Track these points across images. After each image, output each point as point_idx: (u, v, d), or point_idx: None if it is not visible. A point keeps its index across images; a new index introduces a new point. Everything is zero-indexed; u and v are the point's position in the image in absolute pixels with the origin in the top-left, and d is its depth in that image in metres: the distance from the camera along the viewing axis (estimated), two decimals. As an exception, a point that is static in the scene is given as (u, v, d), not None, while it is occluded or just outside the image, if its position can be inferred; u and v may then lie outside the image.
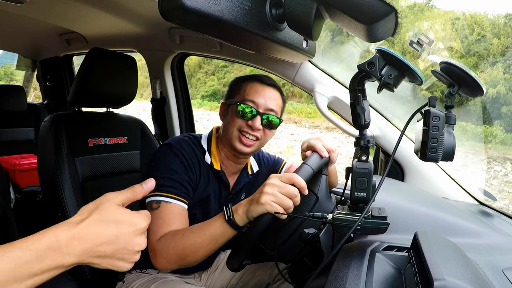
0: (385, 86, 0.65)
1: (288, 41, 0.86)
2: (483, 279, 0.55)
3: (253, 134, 1.01)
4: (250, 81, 1.05)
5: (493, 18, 6.50)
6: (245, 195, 1.18)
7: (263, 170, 1.24)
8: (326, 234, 0.79)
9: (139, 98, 11.03)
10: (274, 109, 1.03)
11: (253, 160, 1.22)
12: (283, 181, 0.77)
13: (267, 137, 1.05)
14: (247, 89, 1.03)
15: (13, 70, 7.63)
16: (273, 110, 1.03)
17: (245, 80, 1.06)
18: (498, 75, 5.16)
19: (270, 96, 1.03)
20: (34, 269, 0.46)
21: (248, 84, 1.04)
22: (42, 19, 1.69)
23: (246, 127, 1.00)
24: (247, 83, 1.05)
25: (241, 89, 1.04)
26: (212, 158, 1.06)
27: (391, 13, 0.54)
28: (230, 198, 1.13)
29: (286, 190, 0.75)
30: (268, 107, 1.02)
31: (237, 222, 0.79)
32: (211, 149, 1.07)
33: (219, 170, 1.07)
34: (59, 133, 1.23)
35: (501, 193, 4.10)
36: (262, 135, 1.03)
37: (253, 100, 1.01)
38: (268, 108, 1.02)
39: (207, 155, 1.06)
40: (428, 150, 0.62)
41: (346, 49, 1.56)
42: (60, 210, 1.19)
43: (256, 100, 1.01)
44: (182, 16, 0.60)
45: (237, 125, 1.01)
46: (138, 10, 1.41)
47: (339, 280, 0.58)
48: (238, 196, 1.16)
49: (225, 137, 1.05)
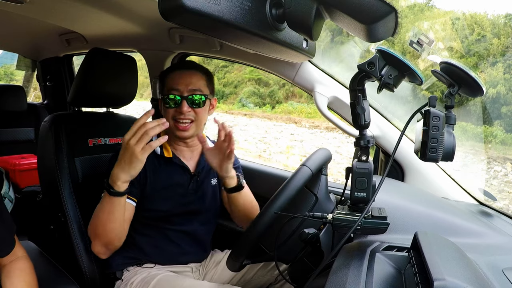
0: (385, 86, 0.65)
1: (288, 41, 0.86)
2: (483, 279, 0.55)
3: (185, 118, 1.08)
4: (170, 73, 1.12)
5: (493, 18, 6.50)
6: (216, 180, 1.23)
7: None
8: (326, 234, 0.80)
9: (139, 98, 11.03)
10: (197, 88, 1.09)
11: (210, 143, 1.19)
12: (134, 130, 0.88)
13: (200, 115, 1.11)
14: (169, 80, 1.10)
15: (13, 70, 7.63)
16: (196, 89, 1.09)
17: (167, 73, 1.14)
18: (498, 75, 5.17)
19: (191, 78, 1.09)
20: None
21: (170, 76, 1.11)
22: (42, 19, 1.69)
23: (177, 114, 1.08)
24: (168, 75, 1.12)
25: (165, 82, 1.12)
26: (162, 148, 1.13)
27: (391, 13, 0.54)
28: (196, 180, 1.17)
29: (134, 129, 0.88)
30: (190, 88, 1.08)
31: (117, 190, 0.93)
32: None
33: (171, 157, 1.13)
34: (59, 133, 1.23)
35: (501, 193, 4.10)
36: (194, 116, 1.09)
37: (176, 88, 1.08)
38: (190, 90, 1.08)
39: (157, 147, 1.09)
40: (428, 150, 0.63)
41: (346, 49, 1.57)
42: (60, 210, 1.20)
43: (177, 87, 1.08)
44: (182, 16, 0.60)
45: (171, 115, 1.09)
46: (138, 10, 1.41)
47: (339, 280, 0.58)
48: (207, 178, 1.20)
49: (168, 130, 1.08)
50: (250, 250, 0.80)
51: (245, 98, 12.95)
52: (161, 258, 1.17)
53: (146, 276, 1.10)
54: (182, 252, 1.19)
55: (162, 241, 1.16)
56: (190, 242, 1.20)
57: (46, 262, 1.07)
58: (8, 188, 1.96)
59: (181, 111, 1.07)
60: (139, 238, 1.15)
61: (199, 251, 1.25)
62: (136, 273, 1.12)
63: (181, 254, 1.19)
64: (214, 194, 1.23)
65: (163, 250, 1.16)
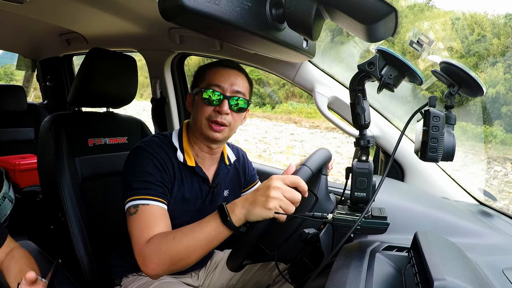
0: (385, 86, 0.65)
1: (288, 41, 0.86)
2: (483, 279, 0.55)
3: (221, 121, 0.97)
4: (214, 67, 1.01)
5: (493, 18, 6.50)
6: (228, 191, 1.16)
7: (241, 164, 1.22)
8: (326, 234, 0.79)
9: (139, 98, 11.02)
10: (241, 91, 1.00)
11: (229, 149, 1.19)
12: (288, 184, 0.75)
13: (236, 122, 1.02)
14: (211, 74, 0.99)
15: (13, 70, 7.62)
16: (240, 92, 0.99)
17: (208, 67, 1.03)
18: (498, 75, 5.16)
19: (236, 79, 0.99)
20: None
21: (212, 70, 1.00)
22: (42, 19, 1.69)
23: (215, 114, 0.97)
24: (210, 69, 1.01)
25: (205, 76, 1.00)
26: (185, 155, 1.02)
27: (391, 13, 0.54)
28: (212, 192, 1.09)
29: (291, 195, 0.74)
30: (234, 89, 0.98)
31: (234, 223, 0.77)
32: (183, 145, 1.04)
33: (194, 166, 1.03)
34: (59, 133, 1.23)
35: (501, 193, 4.10)
36: (231, 120, 0.99)
37: (219, 84, 0.97)
38: (234, 91, 0.98)
39: (179, 153, 1.01)
40: (428, 150, 0.63)
41: (346, 49, 1.57)
42: (60, 210, 1.19)
43: (221, 84, 0.97)
44: (182, 16, 0.60)
45: (206, 113, 0.97)
46: (138, 10, 1.41)
47: (339, 280, 0.58)
48: (220, 189, 1.13)
49: (195, 128, 1.02)
50: (250, 250, 0.79)
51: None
52: None
53: (143, 283, 1.08)
54: None
55: None
56: None
57: (46, 262, 1.07)
58: (8, 188, 1.96)
59: (220, 111, 0.96)
60: None
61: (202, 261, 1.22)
62: (135, 280, 1.10)
63: None
64: None
65: None
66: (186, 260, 0.81)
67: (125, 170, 0.96)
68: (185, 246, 0.79)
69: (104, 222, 1.28)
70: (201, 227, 0.80)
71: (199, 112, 0.98)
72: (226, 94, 0.97)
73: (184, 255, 0.80)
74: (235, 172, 1.20)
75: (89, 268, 1.17)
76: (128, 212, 0.89)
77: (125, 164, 0.97)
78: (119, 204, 0.97)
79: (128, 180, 0.93)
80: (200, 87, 0.99)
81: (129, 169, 0.95)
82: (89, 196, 1.27)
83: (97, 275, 1.19)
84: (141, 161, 0.94)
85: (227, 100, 0.97)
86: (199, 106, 0.98)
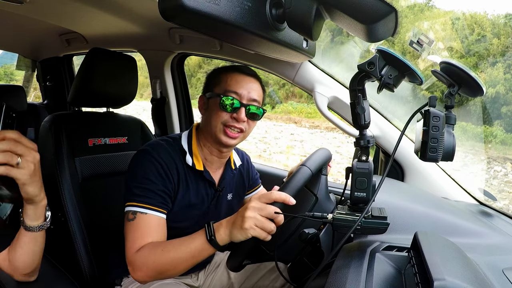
0: (385, 86, 0.65)
1: (288, 41, 0.86)
2: (483, 279, 0.55)
3: (239, 126, 0.98)
4: (231, 72, 1.01)
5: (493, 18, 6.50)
6: (232, 194, 1.16)
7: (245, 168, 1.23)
8: (326, 234, 0.80)
9: (139, 98, 11.03)
10: (257, 99, 1.00)
11: (235, 154, 1.20)
12: (263, 201, 0.77)
13: (250, 128, 1.03)
14: (228, 80, 0.99)
15: (13, 70, 7.61)
16: (256, 100, 1.00)
17: (225, 71, 1.02)
18: (498, 75, 5.16)
19: (252, 87, 1.00)
20: None
21: (229, 75, 1.00)
22: (42, 19, 1.69)
23: (231, 120, 0.97)
24: (227, 74, 1.01)
25: (221, 80, 1.00)
26: (194, 158, 1.02)
27: (391, 13, 0.54)
28: (218, 196, 1.10)
29: (266, 211, 0.75)
30: (251, 97, 0.99)
31: (218, 243, 0.80)
32: (192, 148, 1.04)
33: (202, 170, 1.03)
34: (59, 133, 1.23)
35: (501, 193, 4.10)
36: (247, 127, 1.00)
37: (236, 91, 0.97)
38: (251, 99, 0.99)
39: (188, 157, 1.01)
40: (428, 150, 0.63)
41: (346, 49, 1.56)
42: (60, 210, 1.19)
43: (239, 91, 0.97)
44: (182, 16, 0.60)
45: (221, 119, 0.97)
46: (138, 10, 1.41)
47: (339, 280, 0.58)
48: (225, 193, 1.13)
49: (208, 131, 1.02)
50: (250, 250, 0.80)
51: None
52: None
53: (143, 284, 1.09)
54: None
55: None
56: None
57: (46, 262, 1.07)
58: (8, 188, 1.96)
59: (237, 118, 0.96)
60: None
61: (204, 263, 1.23)
62: (135, 281, 1.10)
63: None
64: (229, 210, 1.16)
65: None
66: (172, 271, 0.85)
67: (128, 172, 0.97)
68: (171, 259, 0.83)
69: (104, 222, 1.28)
70: (188, 242, 0.83)
71: (214, 116, 0.98)
72: (243, 102, 0.98)
73: (170, 267, 0.84)
74: (240, 176, 1.21)
75: (89, 268, 1.17)
76: (127, 216, 0.91)
77: (129, 166, 0.97)
78: (119, 204, 0.98)
79: (130, 184, 0.93)
80: (215, 92, 0.99)
81: (133, 173, 0.95)
82: (89, 196, 1.27)
83: (97, 275, 1.19)
84: (144, 166, 0.94)
85: (244, 108, 0.97)
86: (216, 111, 0.98)
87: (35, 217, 0.83)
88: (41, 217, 0.84)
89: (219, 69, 1.05)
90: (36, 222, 0.84)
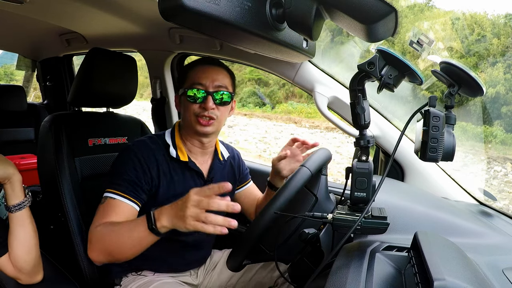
0: (385, 86, 0.65)
1: (288, 41, 0.86)
2: (483, 279, 0.55)
3: (208, 115, 1.02)
4: (195, 66, 1.06)
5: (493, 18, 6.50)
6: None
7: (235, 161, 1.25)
8: (326, 234, 0.79)
9: (139, 98, 11.03)
10: (223, 85, 1.05)
11: (222, 146, 1.23)
12: (202, 195, 0.77)
13: (223, 114, 1.07)
14: (193, 74, 1.04)
15: (13, 70, 7.62)
16: (222, 86, 1.04)
17: (190, 67, 1.08)
18: (498, 75, 5.16)
19: (216, 74, 1.04)
20: None
21: (193, 69, 1.05)
22: (42, 19, 1.69)
23: (201, 110, 1.02)
24: (192, 68, 1.06)
25: (188, 76, 1.06)
26: (178, 151, 1.07)
27: (391, 13, 0.54)
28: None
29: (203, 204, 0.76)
30: (216, 85, 1.03)
31: (158, 230, 0.82)
32: (176, 142, 1.09)
33: (187, 161, 1.08)
34: (59, 133, 1.23)
35: (501, 193, 4.10)
36: (218, 113, 1.04)
37: (200, 82, 1.02)
38: (216, 86, 1.03)
39: (172, 149, 1.06)
40: (428, 150, 0.62)
41: (346, 49, 1.56)
42: (60, 210, 1.19)
43: (203, 82, 1.02)
44: (182, 16, 0.60)
45: (193, 111, 1.03)
46: (138, 10, 1.41)
47: (339, 280, 0.58)
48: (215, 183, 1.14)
49: (186, 125, 1.08)
50: (250, 250, 0.80)
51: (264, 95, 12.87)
52: (162, 268, 1.15)
53: (143, 282, 1.09)
54: (185, 263, 1.18)
55: (166, 253, 1.12)
56: (194, 252, 1.18)
57: (46, 262, 1.07)
58: (8, 188, 1.96)
59: (205, 107, 1.01)
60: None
61: (201, 258, 1.24)
62: (135, 280, 1.11)
63: (184, 265, 1.18)
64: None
65: (165, 261, 1.13)
66: (118, 254, 0.89)
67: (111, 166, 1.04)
68: (117, 239, 0.88)
69: (104, 222, 1.28)
70: (133, 226, 0.87)
71: (186, 110, 1.05)
72: (209, 90, 1.02)
73: (116, 248, 0.88)
74: (231, 168, 1.23)
75: (89, 268, 1.17)
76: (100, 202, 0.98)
77: (113, 161, 1.04)
78: (119, 204, 0.97)
79: (109, 176, 1.01)
80: (184, 88, 1.05)
81: (112, 166, 1.03)
82: (89, 196, 1.27)
83: (97, 275, 1.19)
84: (123, 161, 1.01)
85: (210, 96, 1.02)
86: (186, 105, 1.04)
87: (15, 195, 0.86)
88: (20, 192, 0.87)
89: (185, 66, 1.11)
90: (18, 199, 0.86)
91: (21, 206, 0.87)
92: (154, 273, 1.14)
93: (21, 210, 0.87)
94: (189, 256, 1.17)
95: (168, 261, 1.14)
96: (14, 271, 0.88)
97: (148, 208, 0.99)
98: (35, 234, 0.92)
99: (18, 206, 0.86)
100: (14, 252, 0.87)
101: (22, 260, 0.88)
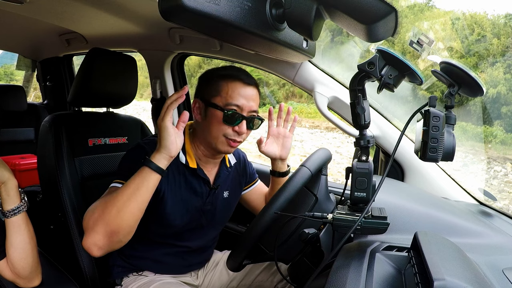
0: (385, 86, 0.65)
1: (288, 41, 0.86)
2: (483, 279, 0.55)
3: (239, 140, 1.00)
4: (231, 81, 0.98)
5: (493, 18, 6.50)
6: (228, 192, 1.17)
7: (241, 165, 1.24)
8: (326, 234, 0.80)
9: (139, 98, 11.02)
10: (256, 109, 1.02)
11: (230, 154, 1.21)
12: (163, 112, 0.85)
13: (247, 135, 1.05)
14: (230, 91, 0.97)
15: (13, 70, 7.62)
16: (256, 110, 1.01)
17: (224, 78, 0.99)
18: (498, 75, 5.16)
19: (252, 97, 0.99)
20: None
21: (230, 85, 0.98)
22: (42, 19, 1.69)
23: (233, 133, 0.98)
24: (228, 83, 0.98)
25: (221, 89, 0.98)
26: (187, 157, 1.03)
27: (391, 13, 0.54)
28: (213, 194, 1.10)
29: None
30: (252, 109, 0.99)
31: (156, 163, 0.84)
32: (185, 147, 1.05)
33: (196, 168, 1.04)
34: (59, 133, 1.23)
35: (501, 193, 4.10)
36: (245, 136, 1.02)
37: (237, 104, 0.96)
38: (251, 110, 0.99)
39: (182, 155, 1.03)
40: (428, 150, 0.63)
41: (346, 49, 1.56)
42: (60, 210, 1.19)
43: (240, 104, 0.97)
44: (182, 16, 0.60)
45: (223, 131, 0.97)
46: (138, 10, 1.41)
47: (339, 280, 0.58)
48: (221, 191, 1.14)
49: (205, 139, 1.02)
50: (250, 250, 0.80)
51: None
52: (164, 270, 1.15)
53: (144, 283, 1.09)
54: (186, 265, 1.18)
55: (168, 256, 1.12)
56: (196, 256, 1.18)
57: (46, 262, 1.07)
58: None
59: (239, 132, 0.97)
60: (143, 252, 1.11)
61: (203, 261, 1.24)
62: (136, 280, 1.11)
63: (185, 267, 1.18)
64: (225, 207, 1.17)
65: (167, 264, 1.13)
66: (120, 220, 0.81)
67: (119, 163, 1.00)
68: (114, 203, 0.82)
69: (104, 222, 1.28)
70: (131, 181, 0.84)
71: (215, 127, 0.98)
72: (244, 114, 0.98)
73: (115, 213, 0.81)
74: (236, 174, 1.21)
75: (89, 268, 1.17)
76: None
77: (121, 158, 1.01)
78: (119, 204, 0.97)
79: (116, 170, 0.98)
80: (215, 103, 0.97)
81: (121, 162, 0.99)
82: (89, 196, 1.27)
83: (97, 275, 1.19)
84: (133, 156, 0.97)
85: (245, 120, 0.98)
86: (216, 123, 0.97)
87: (10, 199, 0.84)
88: (16, 197, 0.85)
89: (217, 74, 1.01)
90: (13, 204, 0.85)
91: (16, 211, 0.85)
92: (155, 274, 1.14)
93: (17, 215, 0.85)
94: (192, 259, 1.17)
95: (170, 263, 1.13)
96: (12, 276, 0.88)
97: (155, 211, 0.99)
98: (32, 240, 0.90)
99: (13, 211, 0.85)
100: (10, 258, 0.86)
101: (19, 266, 0.87)
